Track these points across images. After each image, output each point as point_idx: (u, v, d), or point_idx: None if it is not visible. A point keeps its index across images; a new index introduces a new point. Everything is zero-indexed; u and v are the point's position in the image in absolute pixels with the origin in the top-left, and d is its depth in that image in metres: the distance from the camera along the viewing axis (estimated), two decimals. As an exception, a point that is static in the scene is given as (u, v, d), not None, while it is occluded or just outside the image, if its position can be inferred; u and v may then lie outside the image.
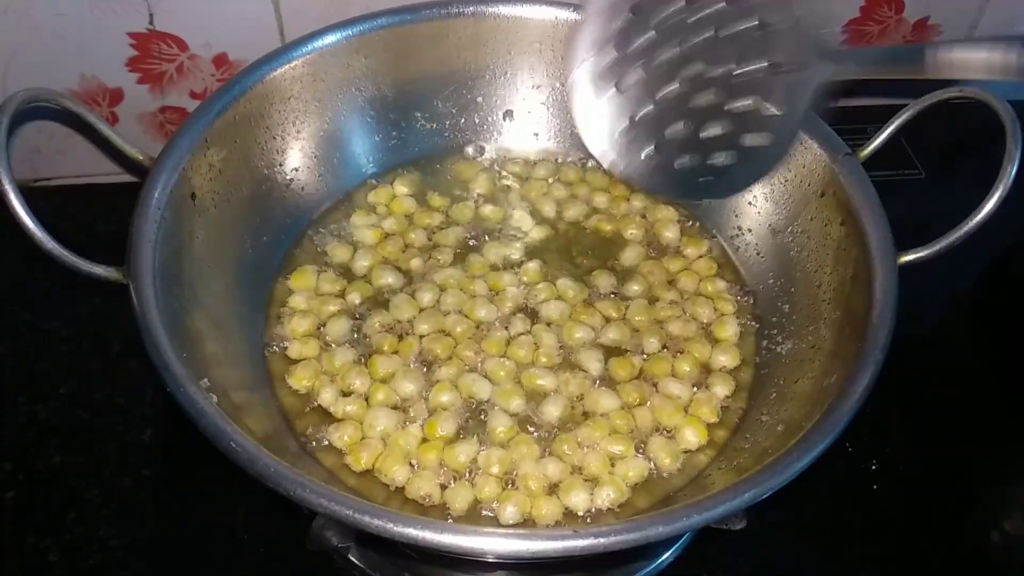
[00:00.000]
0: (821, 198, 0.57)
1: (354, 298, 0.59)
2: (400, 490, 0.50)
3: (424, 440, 0.52)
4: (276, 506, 0.54)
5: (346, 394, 0.54)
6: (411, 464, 0.51)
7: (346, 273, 0.61)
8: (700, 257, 0.63)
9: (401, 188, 0.66)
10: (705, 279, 0.61)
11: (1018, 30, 0.80)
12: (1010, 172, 0.50)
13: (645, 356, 0.57)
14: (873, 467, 0.59)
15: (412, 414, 0.53)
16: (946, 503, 0.59)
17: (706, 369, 0.57)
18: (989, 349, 0.68)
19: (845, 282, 0.54)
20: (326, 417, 0.54)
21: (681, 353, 0.57)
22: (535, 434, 0.53)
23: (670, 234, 0.63)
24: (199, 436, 0.42)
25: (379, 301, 0.59)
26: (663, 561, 0.54)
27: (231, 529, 0.55)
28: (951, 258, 0.51)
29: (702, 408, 0.54)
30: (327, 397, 0.54)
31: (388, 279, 0.60)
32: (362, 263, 0.61)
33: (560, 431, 0.53)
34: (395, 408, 0.54)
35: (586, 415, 0.54)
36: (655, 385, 0.56)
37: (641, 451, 0.53)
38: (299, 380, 0.54)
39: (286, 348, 0.56)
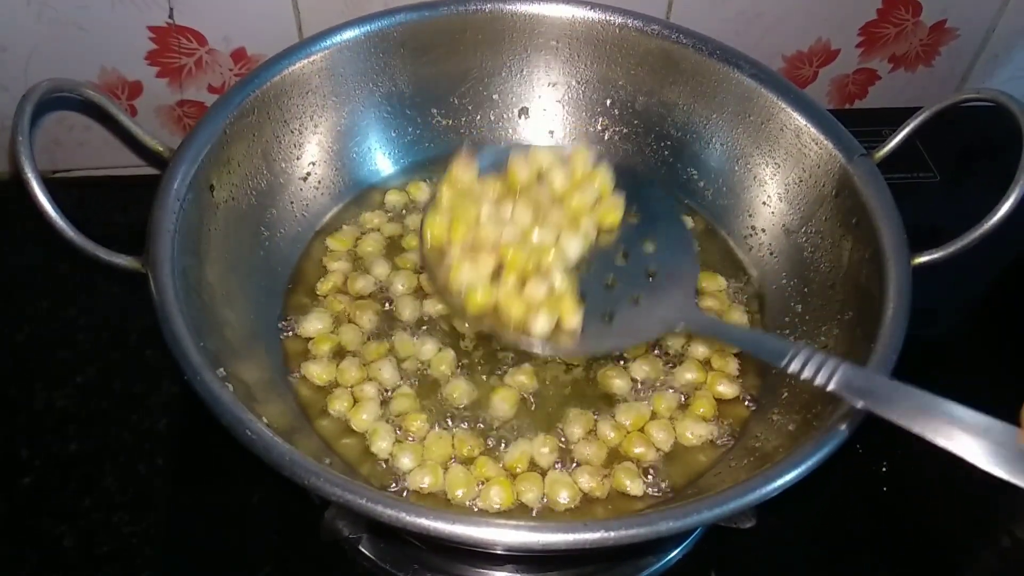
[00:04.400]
0: (836, 199, 0.57)
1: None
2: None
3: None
4: (289, 495, 0.55)
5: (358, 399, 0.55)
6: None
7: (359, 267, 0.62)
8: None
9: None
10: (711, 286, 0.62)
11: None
12: (1026, 175, 0.50)
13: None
14: (884, 468, 0.59)
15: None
16: (956, 506, 0.59)
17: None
18: (1003, 352, 0.68)
19: (858, 283, 0.53)
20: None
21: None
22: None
23: None
24: (213, 425, 0.42)
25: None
26: (672, 558, 0.55)
27: (244, 518, 0.55)
28: (965, 260, 0.51)
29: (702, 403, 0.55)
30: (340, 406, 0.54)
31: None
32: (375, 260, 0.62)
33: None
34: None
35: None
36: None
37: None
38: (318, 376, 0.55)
39: (300, 335, 0.57)
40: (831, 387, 0.42)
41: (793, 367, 0.43)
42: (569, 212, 0.52)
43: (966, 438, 0.37)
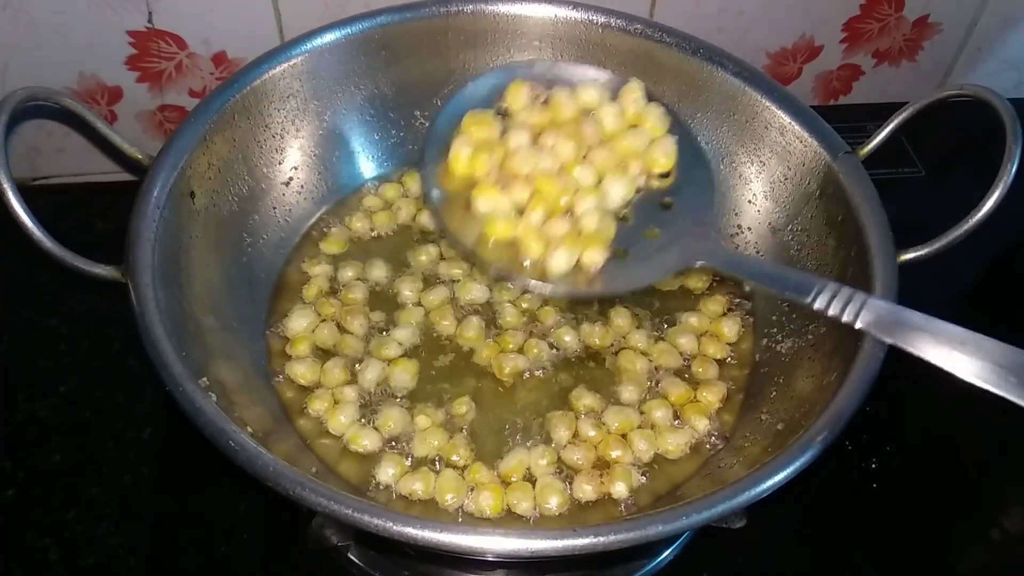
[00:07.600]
0: (821, 197, 0.57)
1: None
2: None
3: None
4: (276, 504, 0.55)
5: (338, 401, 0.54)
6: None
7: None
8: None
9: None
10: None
11: (1018, 27, 0.80)
12: (1010, 170, 0.50)
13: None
14: (873, 465, 0.59)
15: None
16: (946, 501, 0.59)
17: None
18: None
19: (845, 281, 0.53)
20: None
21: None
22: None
23: None
24: (199, 434, 0.42)
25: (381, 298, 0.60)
26: (663, 559, 0.54)
27: (231, 527, 0.55)
28: (951, 256, 0.51)
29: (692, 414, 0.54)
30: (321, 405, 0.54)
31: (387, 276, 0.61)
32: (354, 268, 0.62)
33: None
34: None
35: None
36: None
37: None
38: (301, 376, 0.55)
39: (286, 336, 0.57)
40: (859, 324, 0.43)
41: (819, 304, 0.43)
42: (617, 153, 0.48)
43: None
